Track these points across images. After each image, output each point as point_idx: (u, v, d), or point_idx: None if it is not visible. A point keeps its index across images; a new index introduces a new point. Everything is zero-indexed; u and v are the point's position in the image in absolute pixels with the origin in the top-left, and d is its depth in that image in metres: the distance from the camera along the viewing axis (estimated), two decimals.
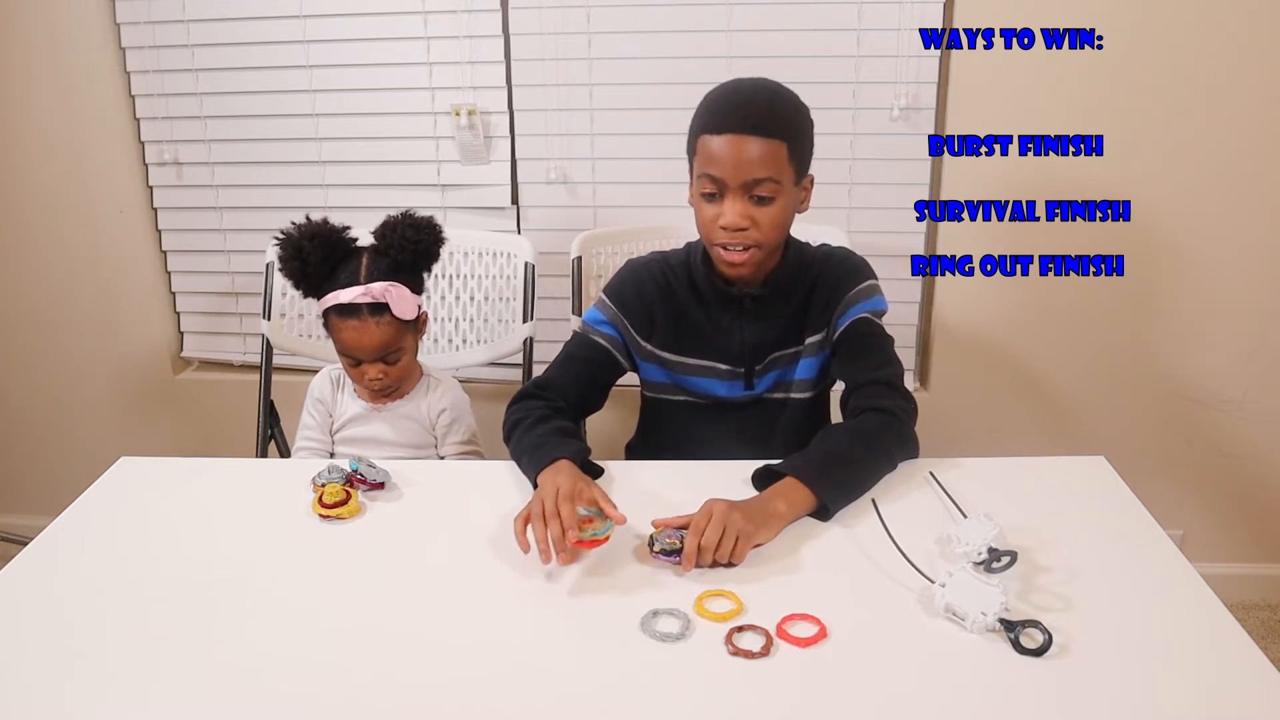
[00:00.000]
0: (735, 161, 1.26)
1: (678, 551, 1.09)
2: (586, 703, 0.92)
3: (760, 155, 1.26)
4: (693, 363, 1.44)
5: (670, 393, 1.48)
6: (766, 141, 1.26)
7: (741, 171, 1.27)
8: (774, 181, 1.28)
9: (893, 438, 1.29)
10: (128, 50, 2.00)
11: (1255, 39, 1.74)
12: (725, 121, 1.27)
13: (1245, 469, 2.05)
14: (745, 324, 1.42)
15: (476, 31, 1.91)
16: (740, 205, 1.28)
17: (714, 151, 1.27)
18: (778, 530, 1.16)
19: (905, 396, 1.33)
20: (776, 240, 1.34)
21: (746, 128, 1.26)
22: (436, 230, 1.53)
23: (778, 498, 1.18)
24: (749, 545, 1.11)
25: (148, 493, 1.32)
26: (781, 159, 1.28)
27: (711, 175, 1.29)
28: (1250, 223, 1.86)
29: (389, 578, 1.12)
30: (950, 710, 0.90)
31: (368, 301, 1.46)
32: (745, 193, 1.28)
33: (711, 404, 1.46)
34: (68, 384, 2.26)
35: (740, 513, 1.11)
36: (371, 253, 1.51)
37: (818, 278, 1.41)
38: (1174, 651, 0.96)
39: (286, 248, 1.48)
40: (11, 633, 1.03)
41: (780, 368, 1.43)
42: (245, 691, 0.94)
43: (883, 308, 1.42)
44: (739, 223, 1.29)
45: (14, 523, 2.28)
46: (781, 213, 1.31)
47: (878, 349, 1.37)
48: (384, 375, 1.53)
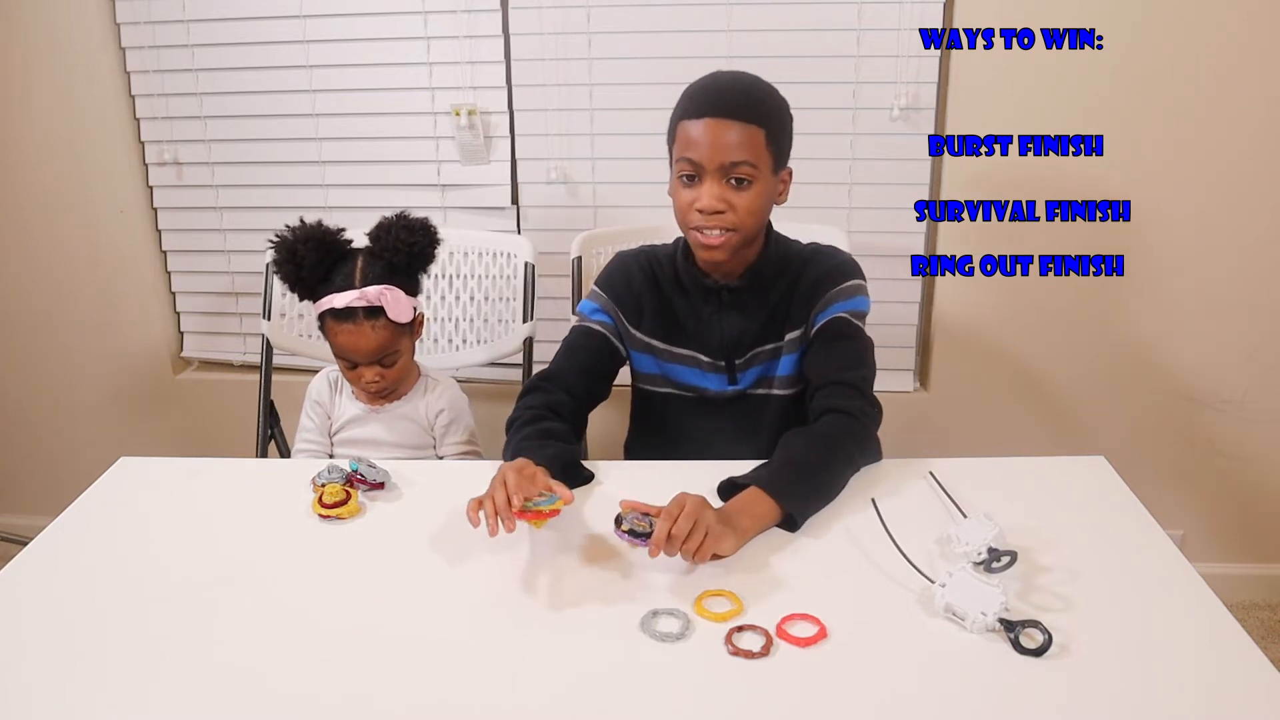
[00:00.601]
0: (712, 144, 1.27)
1: (645, 535, 1.08)
2: (586, 702, 0.92)
3: (738, 139, 1.27)
4: (679, 352, 1.45)
5: (659, 384, 1.48)
6: (744, 126, 1.27)
7: (719, 154, 1.28)
8: (751, 165, 1.29)
9: (854, 443, 1.27)
10: (128, 50, 2.00)
11: (1255, 39, 1.74)
12: (703, 106, 1.29)
13: (1245, 469, 2.05)
14: (725, 316, 1.42)
15: (476, 31, 1.91)
16: (717, 188, 1.29)
17: (692, 135, 1.28)
18: (740, 543, 1.14)
19: (870, 401, 1.32)
20: (753, 227, 1.34)
21: (724, 112, 1.27)
22: (431, 232, 1.52)
23: (740, 513, 1.15)
24: (713, 546, 1.09)
25: (148, 493, 1.32)
26: (759, 144, 1.29)
27: (689, 158, 1.29)
28: (1250, 223, 1.86)
29: (389, 578, 1.12)
30: (950, 710, 0.90)
31: (363, 305, 1.46)
32: (722, 175, 1.29)
33: (698, 398, 1.46)
34: (68, 384, 2.26)
35: (712, 511, 1.11)
36: (366, 255, 1.51)
37: (801, 273, 1.41)
38: (1174, 651, 0.96)
39: (281, 251, 1.48)
40: (11, 633, 1.04)
41: (763, 363, 1.43)
42: (245, 691, 0.94)
43: (864, 309, 1.41)
44: (715, 205, 1.29)
45: (14, 523, 2.29)
46: (758, 198, 1.31)
47: (850, 350, 1.36)
48: (381, 378, 1.52)
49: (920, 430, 2.04)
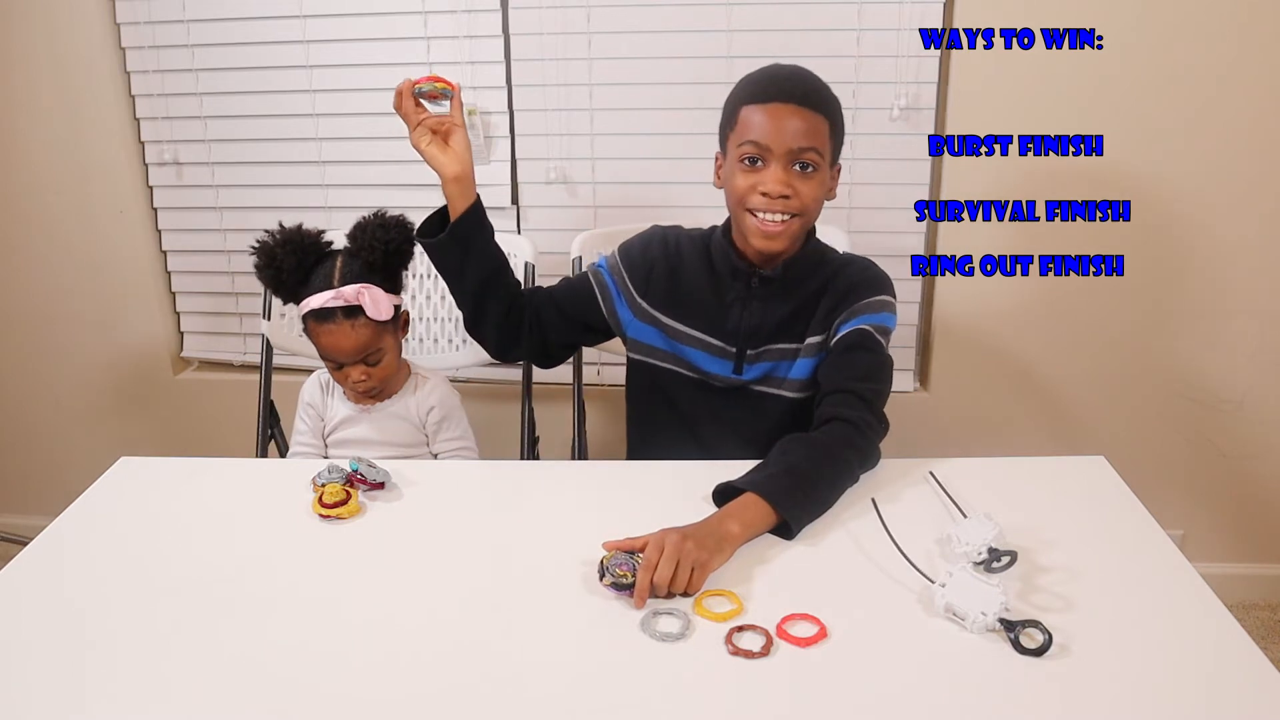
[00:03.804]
0: (780, 129, 1.28)
1: (629, 586, 1.04)
2: (586, 702, 0.92)
3: (806, 126, 1.29)
4: (685, 330, 1.43)
5: (661, 359, 1.46)
6: (811, 114, 1.29)
7: (787, 139, 1.28)
8: (817, 153, 1.30)
9: (855, 455, 1.25)
10: (128, 50, 2.00)
11: (1255, 39, 1.75)
12: (770, 92, 1.30)
13: (1245, 469, 2.05)
14: (748, 303, 1.41)
15: (476, 31, 1.91)
16: (783, 173, 1.30)
17: (758, 120, 1.29)
18: (730, 553, 1.12)
19: (878, 416, 1.30)
20: (813, 214, 1.35)
21: (794, 98, 1.29)
22: (407, 229, 1.52)
23: (732, 519, 1.14)
24: (705, 575, 1.07)
25: (148, 493, 1.32)
26: (824, 134, 1.30)
27: (755, 141, 1.30)
28: (1250, 222, 1.86)
29: (389, 578, 1.12)
30: (950, 710, 0.90)
31: (340, 305, 1.47)
32: (790, 159, 1.30)
33: (698, 379, 1.44)
34: (68, 384, 2.26)
35: (693, 541, 1.07)
36: (345, 255, 1.52)
37: (832, 279, 1.40)
38: (1174, 651, 0.96)
39: (261, 255, 1.50)
40: (11, 633, 1.03)
41: (774, 361, 1.42)
42: (245, 692, 0.94)
43: (890, 326, 1.39)
44: (781, 189, 1.29)
45: (14, 523, 2.29)
46: (820, 187, 1.33)
47: (867, 362, 1.34)
48: (367, 376, 1.53)
49: (920, 430, 2.03)
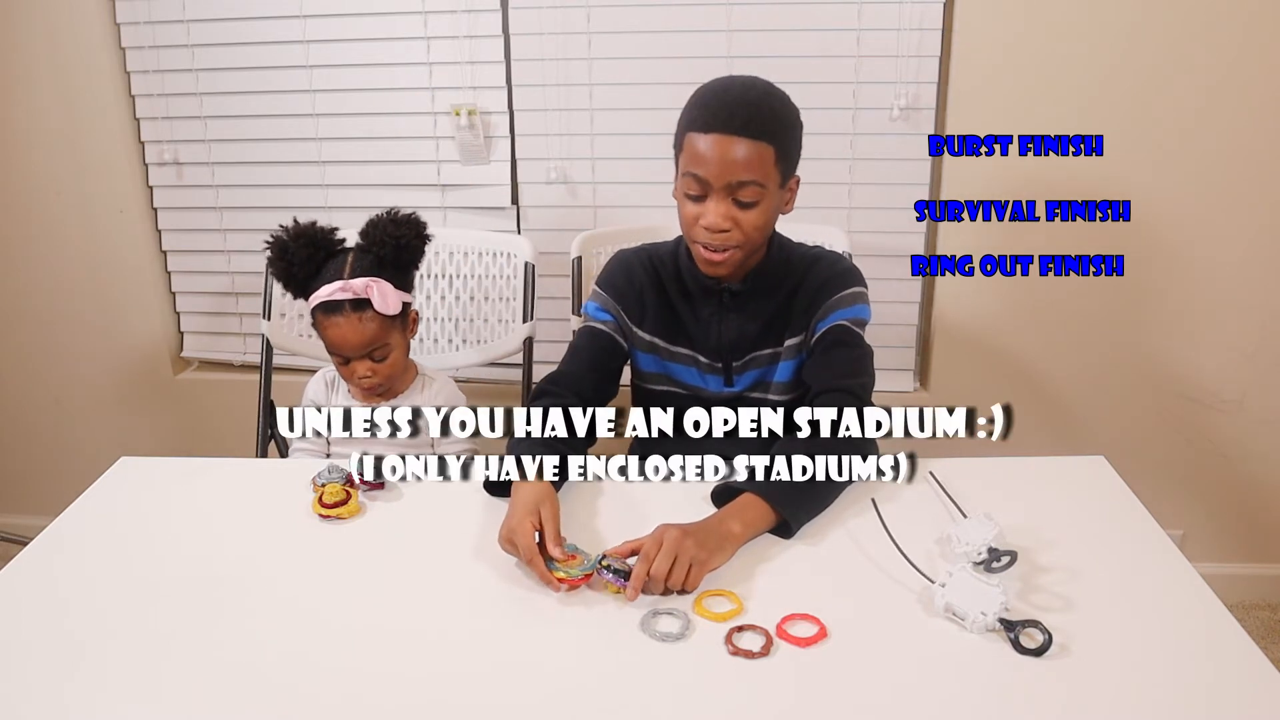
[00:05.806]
0: (720, 162, 1.24)
1: (627, 575, 1.05)
2: (586, 702, 0.92)
3: (746, 158, 1.24)
4: (678, 351, 1.44)
5: (660, 383, 1.47)
6: (753, 144, 1.24)
7: (726, 173, 1.25)
8: (758, 185, 1.26)
9: (852, 450, 1.24)
10: (128, 50, 2.00)
11: (1255, 39, 1.74)
12: (712, 120, 1.25)
13: (1245, 469, 2.05)
14: (724, 317, 1.41)
15: (476, 31, 1.91)
16: (723, 206, 1.27)
17: (699, 150, 1.25)
18: (731, 553, 1.12)
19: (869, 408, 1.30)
20: (757, 242, 1.33)
21: (734, 128, 1.23)
22: (418, 226, 1.53)
23: (732, 518, 1.14)
24: (703, 572, 1.07)
25: (148, 493, 1.32)
26: (768, 163, 1.26)
27: (696, 175, 1.27)
28: (1250, 222, 1.86)
29: (389, 578, 1.12)
30: (950, 710, 0.90)
31: (349, 298, 1.47)
32: (729, 194, 1.27)
33: (694, 398, 1.45)
34: (67, 384, 2.26)
35: (693, 539, 1.07)
36: (356, 251, 1.52)
37: (802, 279, 1.40)
38: (1174, 651, 0.96)
39: (274, 249, 1.50)
40: (11, 633, 1.04)
41: (760, 368, 1.43)
42: (245, 692, 0.94)
43: (865, 317, 1.39)
44: (720, 224, 1.28)
45: (14, 523, 2.28)
46: (763, 215, 1.29)
47: (850, 358, 1.35)
48: (373, 372, 1.53)
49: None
